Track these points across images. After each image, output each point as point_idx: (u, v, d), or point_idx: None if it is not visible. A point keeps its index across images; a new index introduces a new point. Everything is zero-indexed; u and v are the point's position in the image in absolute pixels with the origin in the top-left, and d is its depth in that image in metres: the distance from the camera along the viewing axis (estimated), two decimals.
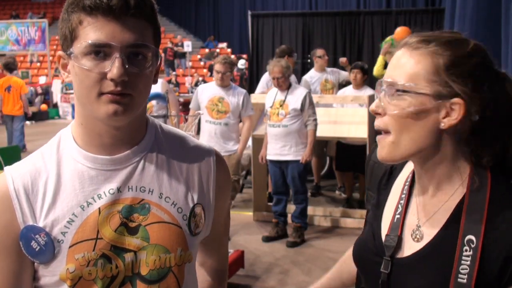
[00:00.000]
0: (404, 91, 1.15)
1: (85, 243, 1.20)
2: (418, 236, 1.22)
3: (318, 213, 6.68)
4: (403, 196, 1.30)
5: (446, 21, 5.70)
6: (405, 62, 1.18)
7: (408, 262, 1.21)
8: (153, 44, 1.20)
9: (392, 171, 1.37)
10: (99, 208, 1.21)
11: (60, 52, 1.22)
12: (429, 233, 1.20)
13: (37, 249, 1.19)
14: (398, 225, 1.26)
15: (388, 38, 7.03)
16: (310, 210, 6.31)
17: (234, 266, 4.67)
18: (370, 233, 1.34)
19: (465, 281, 1.09)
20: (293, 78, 7.58)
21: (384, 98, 1.19)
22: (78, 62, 1.15)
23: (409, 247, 1.23)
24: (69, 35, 1.16)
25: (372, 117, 6.29)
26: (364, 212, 6.40)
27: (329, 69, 7.78)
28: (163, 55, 22.91)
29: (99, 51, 1.13)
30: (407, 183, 1.31)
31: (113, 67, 1.12)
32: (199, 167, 1.34)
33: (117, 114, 1.15)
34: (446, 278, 1.12)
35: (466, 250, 1.11)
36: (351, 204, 7.00)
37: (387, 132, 1.19)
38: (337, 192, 7.77)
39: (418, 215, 1.25)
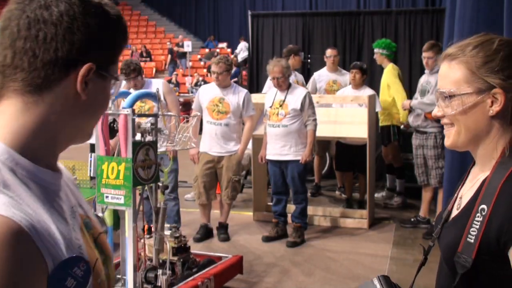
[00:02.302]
0: (452, 96, 1.43)
1: (97, 264, 1.08)
2: (458, 206, 1.51)
3: (318, 213, 6.68)
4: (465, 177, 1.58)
5: (446, 21, 5.69)
6: (448, 72, 1.46)
7: (447, 226, 1.52)
8: None
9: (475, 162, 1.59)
10: (80, 227, 1.11)
11: (91, 65, 1.04)
12: (464, 203, 1.48)
13: (72, 286, 0.98)
14: (454, 200, 1.55)
15: (377, 43, 7.01)
16: (310, 210, 6.31)
17: (232, 271, 4.65)
18: (444, 208, 1.62)
19: (472, 240, 1.36)
20: (300, 77, 7.59)
21: (441, 103, 1.48)
22: (111, 87, 1.12)
23: (452, 216, 1.52)
24: (109, 51, 1.09)
25: (372, 117, 6.31)
26: (363, 212, 6.44)
27: (343, 71, 7.72)
28: (169, 56, 22.96)
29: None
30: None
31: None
32: (70, 178, 1.23)
33: None
34: (460, 238, 1.39)
35: (478, 216, 1.36)
36: (351, 204, 7.00)
37: (452, 125, 1.46)
38: (337, 192, 7.77)
39: (464, 190, 1.53)
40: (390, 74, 6.77)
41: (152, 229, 4.08)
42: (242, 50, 21.86)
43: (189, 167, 6.68)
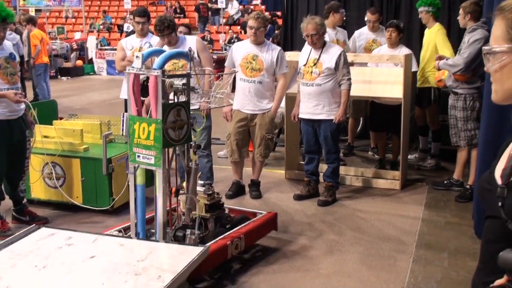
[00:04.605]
0: (489, 53, 1.44)
1: None
2: None
3: (350, 173, 6.66)
4: None
5: None
6: (493, 29, 1.46)
7: None
8: None
9: None
10: None
11: None
12: None
13: None
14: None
15: (421, 1, 6.78)
16: (342, 169, 6.29)
17: (266, 228, 4.65)
18: (490, 169, 1.58)
19: None
20: (343, 33, 7.48)
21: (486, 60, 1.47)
22: None
23: None
24: None
25: (407, 77, 6.19)
26: (396, 173, 6.40)
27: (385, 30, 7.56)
28: (196, 14, 22.85)
29: None
30: None
31: None
32: None
33: None
34: None
35: None
36: (383, 165, 6.96)
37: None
38: (369, 152, 7.73)
39: None
40: (441, 36, 6.55)
41: (180, 190, 4.10)
42: (236, 12, 21.64)
43: (222, 124, 6.71)
